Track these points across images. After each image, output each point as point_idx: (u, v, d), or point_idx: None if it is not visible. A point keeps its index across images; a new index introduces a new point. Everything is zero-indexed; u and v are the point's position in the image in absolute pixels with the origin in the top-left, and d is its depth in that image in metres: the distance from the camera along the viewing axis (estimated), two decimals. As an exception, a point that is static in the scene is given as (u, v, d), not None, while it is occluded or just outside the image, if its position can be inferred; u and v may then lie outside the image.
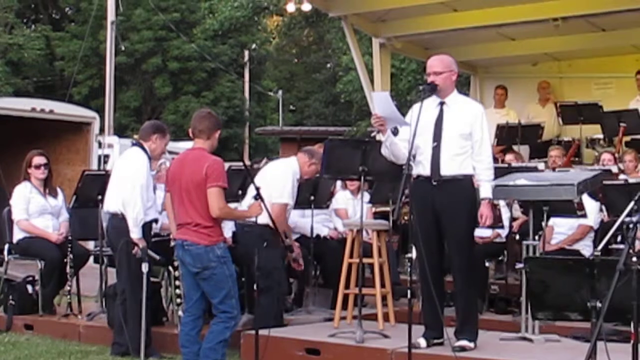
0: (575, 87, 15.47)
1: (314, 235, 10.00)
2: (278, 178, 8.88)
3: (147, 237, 8.46)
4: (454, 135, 7.45)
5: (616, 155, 12.37)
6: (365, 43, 19.75)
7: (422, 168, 7.54)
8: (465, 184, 7.52)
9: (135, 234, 8.31)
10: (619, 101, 13.94)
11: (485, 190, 7.54)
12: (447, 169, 7.45)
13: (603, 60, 15.17)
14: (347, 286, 8.79)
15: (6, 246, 10.32)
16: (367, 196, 10.29)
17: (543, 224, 8.53)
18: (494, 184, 7.62)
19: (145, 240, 8.34)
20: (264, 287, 8.15)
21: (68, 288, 10.02)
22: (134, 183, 8.38)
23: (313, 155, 9.23)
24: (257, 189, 7.54)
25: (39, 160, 10.22)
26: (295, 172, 9.00)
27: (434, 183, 7.45)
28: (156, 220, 8.86)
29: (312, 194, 9.86)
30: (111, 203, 8.63)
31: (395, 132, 7.52)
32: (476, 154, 7.51)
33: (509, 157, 12.46)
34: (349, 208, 10.67)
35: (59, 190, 10.52)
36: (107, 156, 17.80)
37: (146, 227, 8.52)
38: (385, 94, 7.82)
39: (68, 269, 9.95)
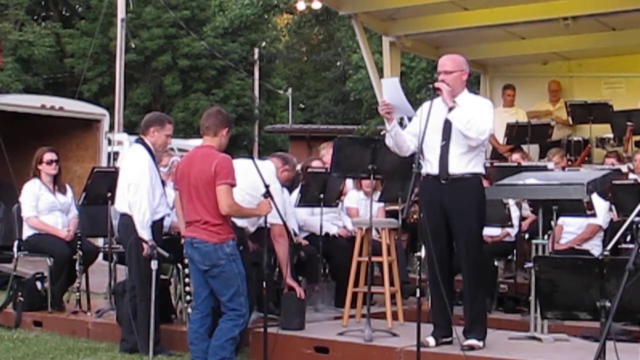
0: (585, 87, 15.45)
1: (323, 233, 9.99)
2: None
3: (158, 235, 8.47)
4: (462, 134, 7.43)
5: (624, 154, 12.36)
6: (375, 41, 19.75)
7: (430, 167, 7.54)
8: (473, 183, 7.51)
9: (144, 235, 8.31)
10: (629, 101, 13.94)
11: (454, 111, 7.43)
12: (455, 167, 7.44)
13: (613, 59, 15.16)
14: (356, 284, 8.80)
15: (15, 243, 10.33)
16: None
17: (552, 223, 8.54)
18: (463, 124, 7.39)
19: (156, 238, 8.34)
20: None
21: (77, 285, 10.02)
22: (138, 187, 8.36)
23: (287, 162, 9.26)
24: (267, 186, 7.54)
25: (50, 156, 10.23)
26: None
27: (443, 182, 7.45)
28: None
29: (321, 192, 9.85)
30: (120, 204, 8.64)
31: (400, 122, 7.53)
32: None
33: (515, 156, 12.45)
34: (361, 207, 10.66)
35: (68, 187, 10.53)
36: (116, 153, 17.83)
37: (157, 224, 8.53)
38: (395, 80, 7.78)
39: (77, 266, 9.94)
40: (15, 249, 10.32)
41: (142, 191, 8.34)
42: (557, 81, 15.24)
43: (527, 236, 10.16)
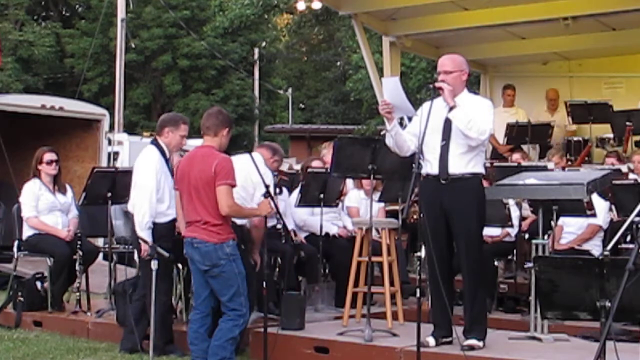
0: (585, 87, 15.46)
1: (323, 233, 9.98)
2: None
3: (168, 237, 8.40)
4: (462, 134, 7.42)
5: (623, 154, 12.36)
6: (376, 41, 19.75)
7: (430, 167, 7.54)
8: (473, 183, 7.51)
9: (143, 235, 8.27)
10: (629, 101, 13.94)
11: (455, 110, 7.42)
12: (455, 167, 7.43)
13: (613, 59, 15.17)
14: (356, 284, 8.80)
15: (15, 243, 10.32)
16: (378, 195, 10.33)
17: (552, 223, 8.53)
18: (464, 123, 7.39)
19: (167, 240, 8.28)
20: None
21: (77, 285, 10.02)
22: (141, 188, 8.36)
23: (276, 152, 9.26)
24: (267, 186, 7.54)
25: (50, 156, 10.22)
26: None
27: (443, 182, 7.44)
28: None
29: (321, 192, 9.85)
30: (130, 203, 8.64)
31: (400, 122, 7.53)
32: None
33: (515, 156, 12.45)
34: (361, 207, 10.64)
35: (68, 187, 10.52)
36: (116, 153, 17.84)
37: (167, 226, 8.47)
38: (395, 79, 7.78)
39: (77, 266, 9.94)
40: (15, 249, 10.31)
41: (144, 192, 8.33)
42: (555, 89, 15.18)
43: (527, 236, 10.16)
